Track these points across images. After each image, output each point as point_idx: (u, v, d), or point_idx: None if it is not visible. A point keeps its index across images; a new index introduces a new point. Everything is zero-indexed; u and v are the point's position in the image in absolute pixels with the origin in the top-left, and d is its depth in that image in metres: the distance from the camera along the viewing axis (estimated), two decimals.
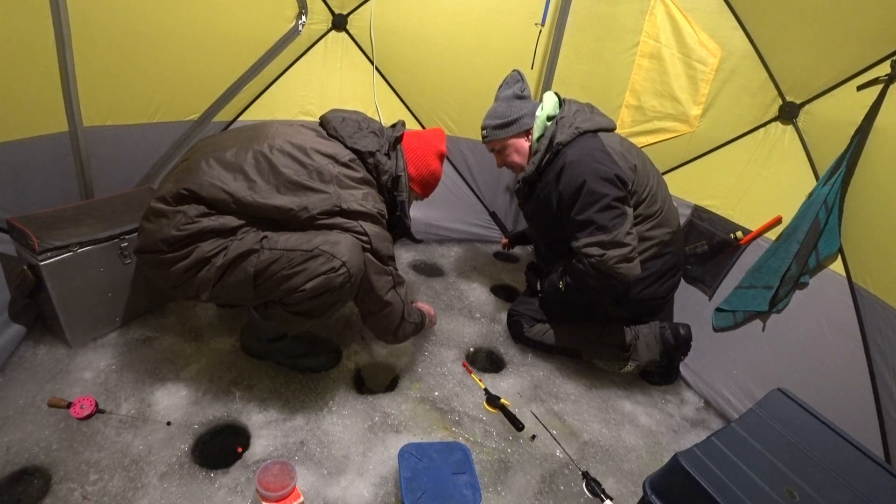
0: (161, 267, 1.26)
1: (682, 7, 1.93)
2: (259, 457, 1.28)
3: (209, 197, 1.22)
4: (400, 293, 1.44)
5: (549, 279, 1.77)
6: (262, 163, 1.26)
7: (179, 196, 1.24)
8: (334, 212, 1.28)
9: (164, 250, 1.23)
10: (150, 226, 1.26)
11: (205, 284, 1.25)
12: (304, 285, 1.21)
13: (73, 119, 1.62)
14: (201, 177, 1.23)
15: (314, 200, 1.26)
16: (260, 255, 1.21)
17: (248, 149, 1.28)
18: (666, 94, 2.05)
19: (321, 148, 1.33)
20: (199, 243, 1.23)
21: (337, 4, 2.13)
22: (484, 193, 2.65)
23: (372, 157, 1.39)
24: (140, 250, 1.30)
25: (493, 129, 1.74)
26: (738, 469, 1.03)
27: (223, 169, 1.25)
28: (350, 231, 1.28)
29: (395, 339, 1.52)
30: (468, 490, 1.13)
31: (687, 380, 1.88)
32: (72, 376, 1.43)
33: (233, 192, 1.22)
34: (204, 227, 1.22)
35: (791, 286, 1.58)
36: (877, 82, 1.47)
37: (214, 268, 1.23)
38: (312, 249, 1.21)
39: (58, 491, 1.12)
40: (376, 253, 1.33)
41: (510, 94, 1.72)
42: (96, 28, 1.57)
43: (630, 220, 1.53)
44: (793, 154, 1.73)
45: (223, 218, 1.24)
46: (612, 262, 1.49)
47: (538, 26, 2.20)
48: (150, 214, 1.28)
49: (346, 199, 1.29)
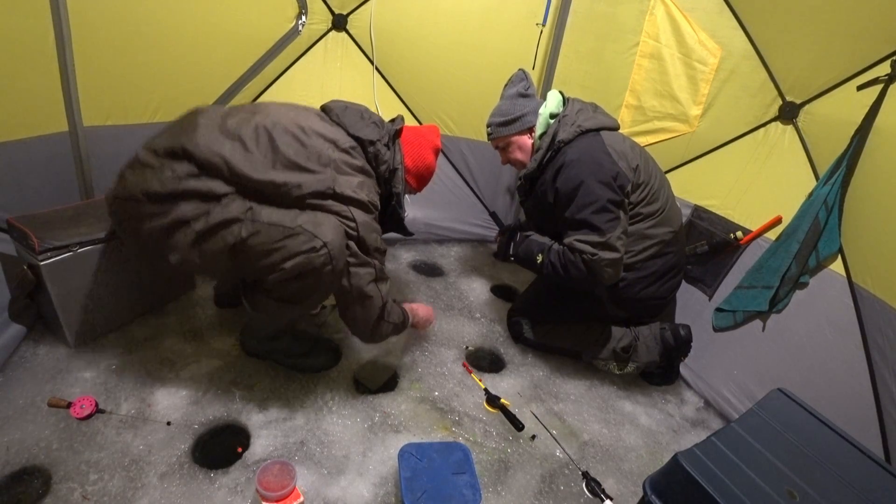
0: (134, 220, 1.21)
1: (682, 7, 1.94)
2: (259, 457, 1.28)
3: (202, 159, 1.18)
4: (381, 288, 1.40)
5: (525, 244, 1.75)
6: (262, 137, 1.24)
7: (171, 152, 1.20)
8: (327, 194, 1.25)
9: (142, 201, 1.17)
10: (132, 175, 1.20)
11: (179, 247, 1.19)
12: (283, 264, 1.18)
13: (73, 119, 1.62)
14: (198, 137, 1.20)
15: (308, 180, 1.24)
16: (242, 226, 1.18)
17: (250, 121, 1.26)
18: (666, 94, 2.05)
19: (323, 131, 1.31)
20: (180, 203, 1.17)
21: (337, 4, 2.13)
22: (484, 193, 2.65)
23: (373, 146, 1.38)
24: (116, 196, 1.23)
25: (497, 126, 1.76)
26: (738, 469, 1.03)
27: (221, 135, 1.22)
28: (339, 215, 1.26)
29: (372, 337, 1.48)
30: (468, 490, 1.13)
31: (687, 380, 1.88)
32: (72, 376, 1.42)
33: (228, 159, 1.19)
34: (189, 188, 1.17)
35: (791, 286, 1.58)
36: (877, 82, 1.47)
37: (192, 232, 1.17)
38: (295, 227, 1.18)
39: (58, 491, 1.12)
40: (362, 242, 1.31)
41: (514, 92, 1.74)
42: (96, 28, 1.57)
43: (623, 225, 1.54)
44: (793, 154, 1.73)
45: (211, 182, 1.19)
46: (603, 264, 1.51)
47: (539, 26, 2.20)
48: (136, 163, 1.22)
49: (341, 183, 1.27)
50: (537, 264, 1.67)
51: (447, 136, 2.44)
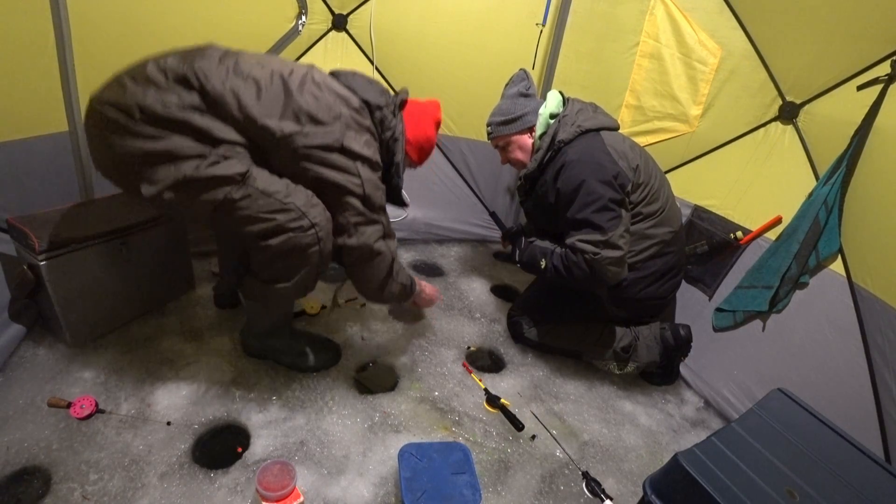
0: (119, 132, 1.10)
1: (682, 7, 1.94)
2: (259, 457, 1.28)
3: (214, 93, 1.12)
4: (390, 245, 1.39)
5: (529, 251, 1.75)
6: (276, 83, 1.20)
7: (182, 78, 1.13)
8: (334, 147, 1.22)
9: (134, 116, 1.09)
10: (133, 85, 1.11)
11: (157, 182, 1.12)
12: (269, 240, 1.18)
13: (73, 119, 1.62)
14: (213, 69, 1.15)
15: (317, 131, 1.20)
16: (235, 189, 1.14)
17: (267, 67, 1.22)
18: (666, 94, 2.05)
19: (336, 88, 1.30)
20: (174, 134, 1.10)
21: (337, 4, 2.13)
22: (484, 193, 2.65)
23: (380, 111, 1.36)
24: (106, 101, 1.12)
25: (497, 125, 1.76)
26: (738, 469, 1.03)
27: (236, 75, 1.17)
28: (345, 171, 1.24)
29: (381, 296, 1.47)
30: (468, 490, 1.13)
31: (687, 380, 1.88)
32: (72, 376, 1.42)
33: (240, 96, 1.14)
34: (190, 122, 1.11)
35: (791, 286, 1.58)
36: (877, 82, 1.47)
37: (180, 173, 1.10)
38: (287, 203, 1.18)
39: (58, 491, 1.12)
40: (368, 199, 1.29)
41: (515, 91, 1.74)
42: (96, 28, 1.57)
43: (625, 223, 1.54)
44: (793, 154, 1.73)
45: (215, 123, 1.13)
46: (605, 263, 1.50)
47: (539, 26, 2.20)
48: (139, 76, 1.13)
49: (349, 137, 1.25)
50: (541, 269, 1.68)
51: (447, 136, 2.44)
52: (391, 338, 1.83)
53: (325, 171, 1.23)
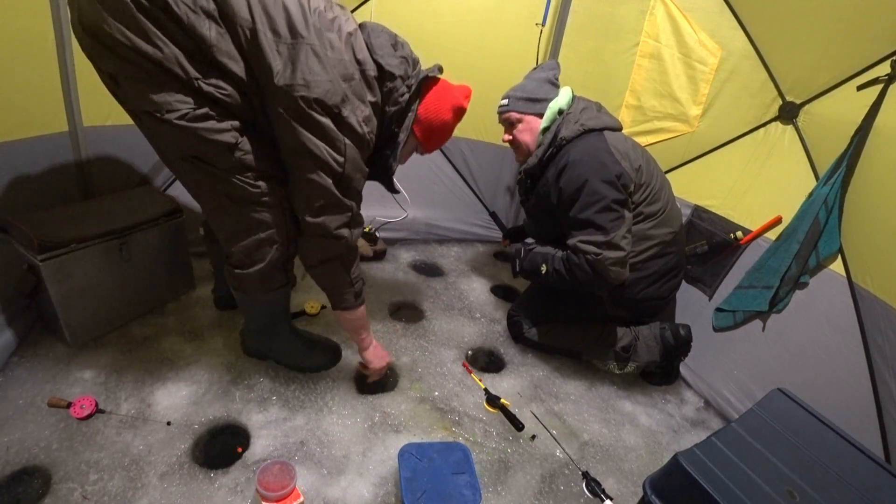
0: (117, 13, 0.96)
1: (682, 7, 1.94)
2: (259, 457, 1.28)
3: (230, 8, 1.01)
4: (354, 232, 1.30)
5: (530, 258, 1.75)
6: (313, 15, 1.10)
7: None
8: (332, 111, 1.11)
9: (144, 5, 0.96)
10: None
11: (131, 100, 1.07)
12: (241, 242, 1.24)
13: (73, 119, 1.62)
14: None
15: (321, 83, 1.08)
16: (230, 153, 1.11)
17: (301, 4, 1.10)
18: (666, 94, 2.05)
19: (357, 50, 1.19)
20: (172, 45, 1.00)
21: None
22: (484, 193, 2.65)
23: (392, 81, 1.25)
24: None
25: (517, 99, 1.71)
26: (738, 469, 1.03)
27: None
28: (331, 144, 1.14)
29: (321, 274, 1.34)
30: (468, 490, 1.13)
31: (687, 380, 1.88)
32: (72, 376, 1.42)
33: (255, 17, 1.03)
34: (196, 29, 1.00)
35: (791, 286, 1.58)
36: (877, 82, 1.47)
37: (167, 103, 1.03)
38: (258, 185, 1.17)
39: (58, 491, 1.12)
40: (345, 180, 1.19)
41: (544, 77, 1.71)
42: None
43: (628, 224, 1.54)
44: (793, 154, 1.73)
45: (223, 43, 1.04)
46: (607, 263, 1.50)
47: (539, 26, 2.20)
48: None
49: (351, 107, 1.14)
50: (542, 275, 1.67)
51: None
52: (391, 338, 1.83)
53: (309, 137, 1.12)
